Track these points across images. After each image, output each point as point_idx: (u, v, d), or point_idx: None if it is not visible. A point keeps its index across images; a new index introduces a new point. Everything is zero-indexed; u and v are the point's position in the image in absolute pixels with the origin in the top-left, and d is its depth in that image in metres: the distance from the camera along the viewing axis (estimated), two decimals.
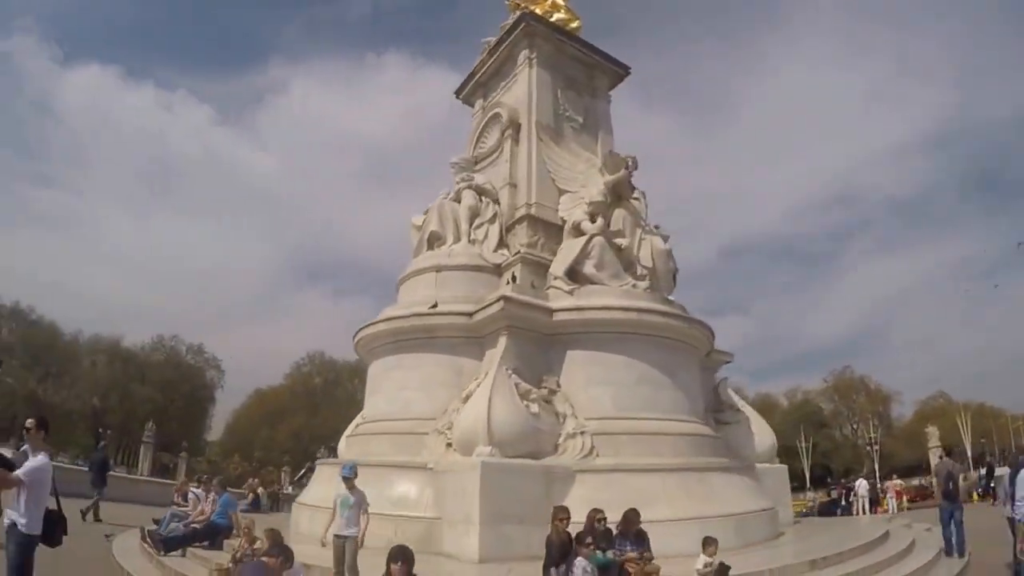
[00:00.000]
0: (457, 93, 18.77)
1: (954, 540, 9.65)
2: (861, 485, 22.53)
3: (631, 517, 7.01)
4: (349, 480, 6.57)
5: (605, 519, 6.94)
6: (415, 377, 11.21)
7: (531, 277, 12.07)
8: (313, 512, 10.04)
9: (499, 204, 13.97)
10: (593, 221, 12.39)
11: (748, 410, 13.94)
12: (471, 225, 13.46)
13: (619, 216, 12.92)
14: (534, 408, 9.59)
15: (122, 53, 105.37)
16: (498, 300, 10.41)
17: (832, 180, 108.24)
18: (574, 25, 18.15)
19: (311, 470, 24.27)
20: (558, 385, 10.60)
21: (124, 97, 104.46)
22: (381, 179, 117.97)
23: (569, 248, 12.00)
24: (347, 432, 13.02)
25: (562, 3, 18.50)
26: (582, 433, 9.87)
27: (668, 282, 12.96)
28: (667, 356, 11.31)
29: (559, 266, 11.78)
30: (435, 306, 11.40)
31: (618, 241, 12.16)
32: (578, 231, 12.26)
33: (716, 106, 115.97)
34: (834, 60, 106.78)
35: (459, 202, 13.82)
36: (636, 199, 13.52)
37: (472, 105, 18.37)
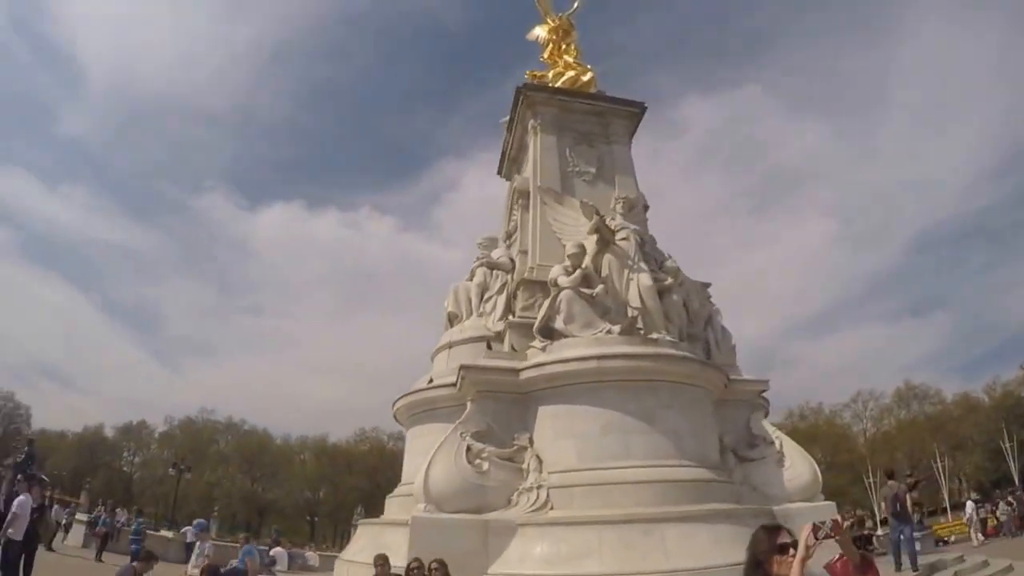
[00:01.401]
0: (499, 172, 20.75)
1: (906, 556, 10.97)
2: (969, 507, 17.68)
3: (377, 561, 8.18)
4: (200, 534, 8.61)
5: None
6: (422, 445, 12.83)
7: (524, 340, 12.96)
8: (350, 566, 12.14)
9: (511, 274, 15.23)
10: (571, 273, 12.95)
11: (786, 442, 12.24)
12: (480, 300, 14.93)
13: (607, 261, 13.22)
14: (484, 466, 10.47)
15: (300, 187, 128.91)
16: (460, 369, 11.71)
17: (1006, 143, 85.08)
18: (586, 79, 18.91)
19: None
20: (530, 442, 11.23)
21: (311, 224, 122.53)
22: None
23: (544, 306, 12.72)
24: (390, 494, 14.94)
25: (572, 60, 19.60)
26: (538, 487, 10.35)
27: (662, 318, 12.60)
28: (642, 400, 11.10)
29: (536, 325, 12.56)
30: (431, 381, 13.10)
31: (588, 291, 12.46)
32: (556, 287, 12.91)
33: (865, 98, 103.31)
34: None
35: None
36: (624, 239, 13.61)
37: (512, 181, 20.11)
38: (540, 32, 20.52)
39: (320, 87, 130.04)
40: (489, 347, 12.84)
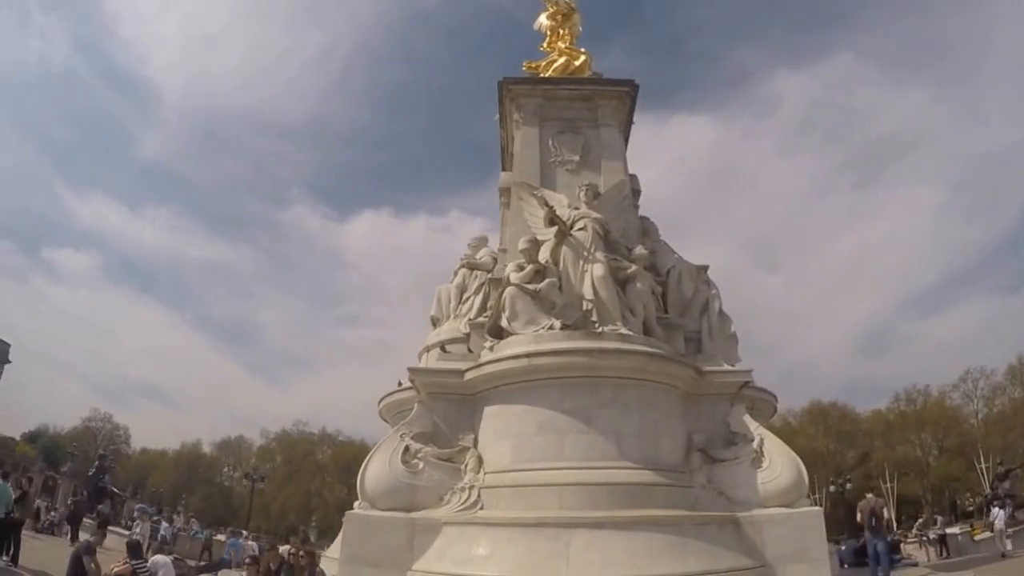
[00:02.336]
0: (502, 169, 20.62)
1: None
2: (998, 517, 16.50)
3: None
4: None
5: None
6: None
7: (481, 340, 12.84)
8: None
9: (491, 273, 15.13)
10: (523, 269, 12.65)
11: (768, 439, 10.86)
12: (459, 301, 15.01)
13: (563, 254, 12.76)
14: (419, 466, 10.58)
15: (387, 194, 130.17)
16: (408, 372, 11.93)
17: None
18: (578, 63, 18.17)
19: None
20: (475, 443, 11.17)
21: (402, 231, 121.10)
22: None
23: (494, 305, 12.54)
24: None
25: (566, 46, 18.91)
26: (470, 487, 10.27)
27: (619, 309, 11.83)
28: (579, 399, 10.56)
29: (487, 325, 12.42)
30: (400, 384, 13.45)
31: (533, 286, 12.07)
32: (506, 284, 12.66)
33: (966, 58, 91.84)
34: None
35: None
36: (581, 229, 13.00)
37: None
38: (542, 19, 20.01)
39: (395, 91, 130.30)
40: (443, 349, 12.93)
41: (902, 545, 18.49)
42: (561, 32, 19.33)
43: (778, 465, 10.39)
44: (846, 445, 58.97)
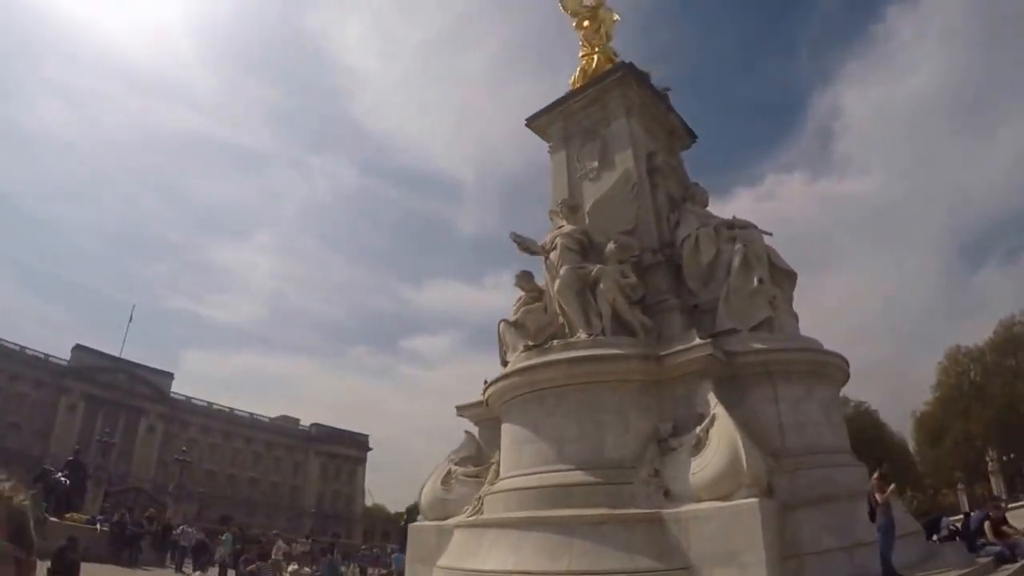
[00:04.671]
0: None
1: None
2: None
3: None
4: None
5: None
6: None
7: None
8: None
9: None
10: (519, 301, 14.45)
11: (718, 419, 9.55)
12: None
13: (545, 276, 14.08)
14: (453, 484, 13.59)
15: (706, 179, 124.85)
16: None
17: None
18: (594, 64, 18.31)
19: None
20: (499, 459, 13.48)
21: (729, 211, 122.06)
22: None
23: None
24: None
25: (583, 53, 19.01)
26: (480, 497, 12.70)
27: (581, 316, 12.36)
28: (529, 412, 11.92)
29: (501, 358, 14.54)
30: None
31: (514, 316, 13.75)
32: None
33: None
34: None
35: None
36: (553, 248, 13.89)
37: None
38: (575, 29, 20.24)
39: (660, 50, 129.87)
40: (485, 382, 15.55)
41: (1003, 526, 10.60)
42: (592, 37, 19.22)
43: (711, 451, 9.40)
44: None
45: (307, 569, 17.32)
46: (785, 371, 11.10)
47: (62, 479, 18.49)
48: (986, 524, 9.97)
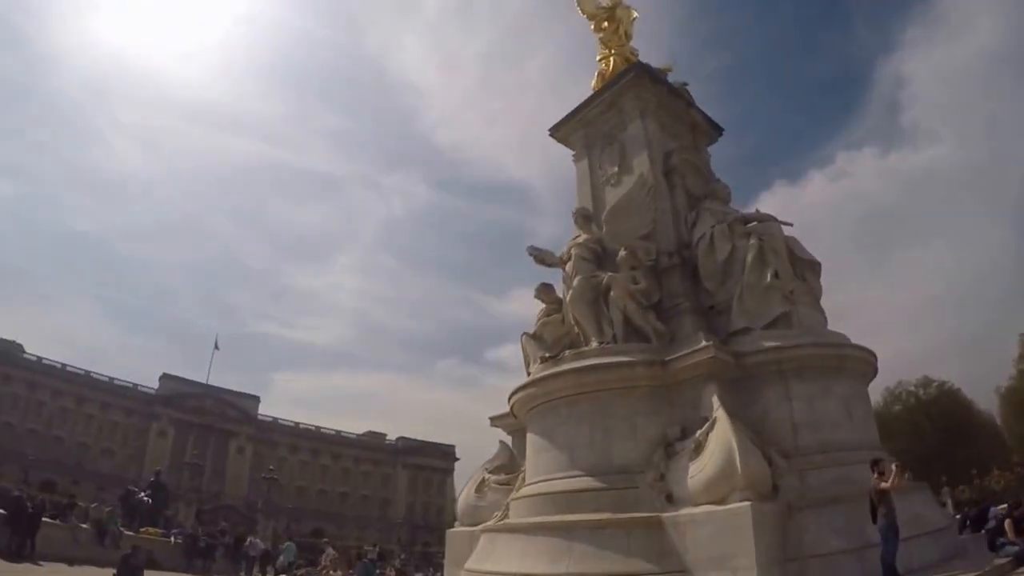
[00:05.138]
0: None
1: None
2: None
3: None
4: None
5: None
6: None
7: None
8: None
9: None
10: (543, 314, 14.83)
11: (719, 422, 9.42)
12: None
13: (561, 288, 14.42)
14: (486, 492, 14.15)
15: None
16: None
17: None
18: (611, 68, 18.26)
19: None
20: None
21: (800, 197, 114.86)
22: None
23: None
24: None
25: (600, 56, 19.01)
26: (507, 504, 13.18)
27: (594, 325, 12.59)
28: (546, 420, 12.31)
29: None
30: None
31: (534, 329, 14.12)
32: None
33: None
34: None
35: None
36: (569, 259, 14.21)
37: None
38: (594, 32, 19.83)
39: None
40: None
41: None
42: (610, 39, 19.06)
43: (707, 454, 9.37)
44: None
45: (339, 572, 18.50)
46: (798, 368, 10.75)
47: (145, 498, 21.02)
48: (1007, 522, 9.05)
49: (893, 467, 8.11)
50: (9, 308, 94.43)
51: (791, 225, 13.51)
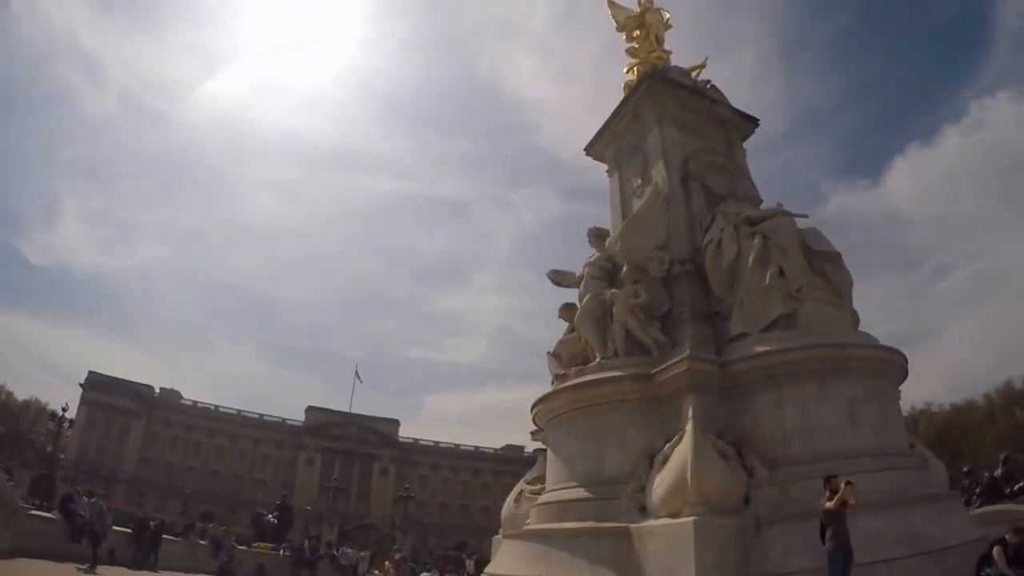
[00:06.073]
0: None
1: None
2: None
3: None
4: None
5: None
6: None
7: None
8: None
9: None
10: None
11: (687, 434, 9.24)
12: None
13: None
14: (523, 501, 14.83)
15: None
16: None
17: None
18: (634, 76, 18.10)
19: None
20: None
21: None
22: None
23: None
24: None
25: (628, 65, 18.83)
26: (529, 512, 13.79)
27: (600, 341, 12.89)
28: (554, 434, 12.93)
29: None
30: None
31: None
32: None
33: None
34: None
35: None
36: (581, 278, 14.57)
37: None
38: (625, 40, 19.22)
39: None
40: None
41: None
42: (640, 47, 18.86)
43: (667, 467, 9.36)
44: None
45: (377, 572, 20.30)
46: (790, 372, 10.13)
47: (271, 519, 24.61)
48: (996, 550, 7.39)
49: (843, 484, 7.45)
50: (171, 358, 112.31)
51: (806, 216, 12.62)
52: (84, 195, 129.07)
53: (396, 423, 79.99)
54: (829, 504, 7.38)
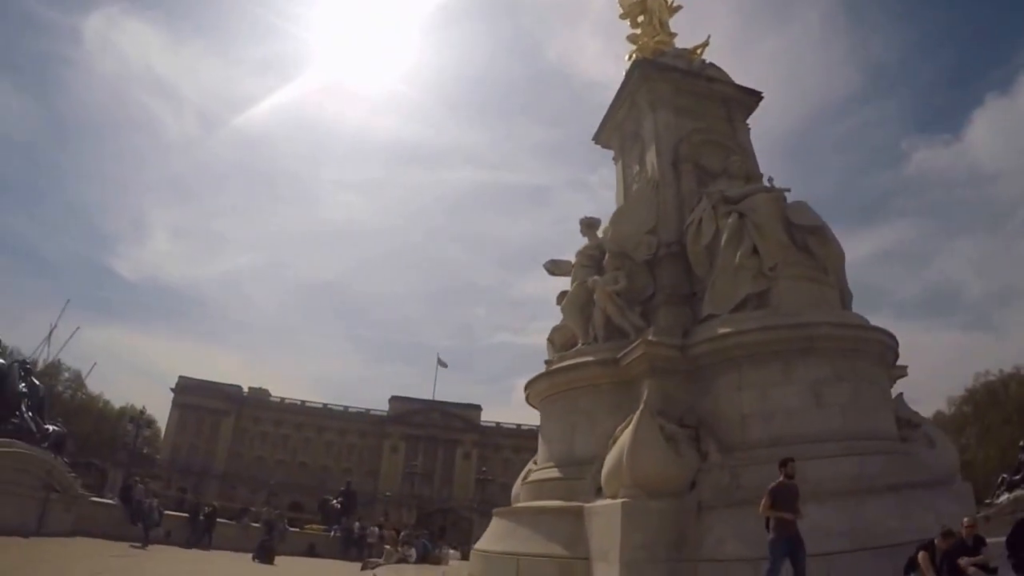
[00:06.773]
0: None
1: None
2: None
3: None
4: None
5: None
6: None
7: None
8: None
9: None
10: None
11: (633, 420, 9.15)
12: None
13: None
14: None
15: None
16: None
17: None
18: (630, 61, 17.70)
19: None
20: None
21: None
22: None
23: None
24: None
25: (629, 51, 18.35)
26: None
27: (583, 328, 12.99)
28: (542, 418, 13.21)
29: None
30: None
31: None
32: None
33: None
34: None
35: None
36: (575, 265, 14.63)
37: None
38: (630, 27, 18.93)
39: None
40: None
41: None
42: (644, 34, 18.32)
43: (613, 450, 9.38)
44: None
45: (398, 549, 20.88)
46: (751, 355, 9.83)
47: (336, 504, 26.11)
48: (921, 555, 6.43)
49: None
50: (264, 361, 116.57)
51: (788, 191, 11.95)
52: (171, 211, 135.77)
53: (478, 408, 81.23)
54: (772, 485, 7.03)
